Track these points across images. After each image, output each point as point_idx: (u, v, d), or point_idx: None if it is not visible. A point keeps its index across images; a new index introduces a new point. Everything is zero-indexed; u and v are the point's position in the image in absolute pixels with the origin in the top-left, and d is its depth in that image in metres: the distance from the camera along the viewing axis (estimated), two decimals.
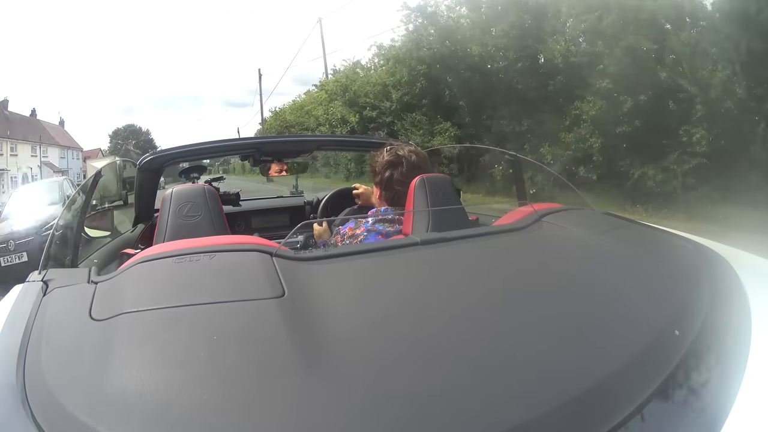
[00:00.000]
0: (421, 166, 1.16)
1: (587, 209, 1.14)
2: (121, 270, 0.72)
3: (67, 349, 0.53)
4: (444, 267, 0.77)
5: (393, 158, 1.16)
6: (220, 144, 1.74)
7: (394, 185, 1.15)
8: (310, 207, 2.18)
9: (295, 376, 0.47)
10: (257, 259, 0.69)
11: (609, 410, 0.44)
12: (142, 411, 0.43)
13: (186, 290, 0.63)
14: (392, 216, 1.13)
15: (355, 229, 1.13)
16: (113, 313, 0.56)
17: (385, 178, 1.16)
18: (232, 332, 0.54)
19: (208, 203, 1.06)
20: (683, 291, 0.66)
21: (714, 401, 0.47)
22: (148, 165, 1.57)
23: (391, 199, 1.17)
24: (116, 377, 0.46)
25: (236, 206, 2.03)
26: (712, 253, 0.79)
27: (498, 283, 0.71)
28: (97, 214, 1.59)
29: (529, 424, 0.42)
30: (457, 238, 0.84)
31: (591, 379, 0.47)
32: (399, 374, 0.48)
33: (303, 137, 2.11)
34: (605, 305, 0.63)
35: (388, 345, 0.53)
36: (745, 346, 0.54)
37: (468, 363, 0.50)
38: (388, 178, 1.16)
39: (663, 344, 0.54)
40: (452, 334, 0.56)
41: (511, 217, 1.00)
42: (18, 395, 0.45)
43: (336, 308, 0.61)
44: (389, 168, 1.16)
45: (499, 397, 0.45)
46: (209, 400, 0.44)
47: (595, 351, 0.53)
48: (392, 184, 1.15)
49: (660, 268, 0.76)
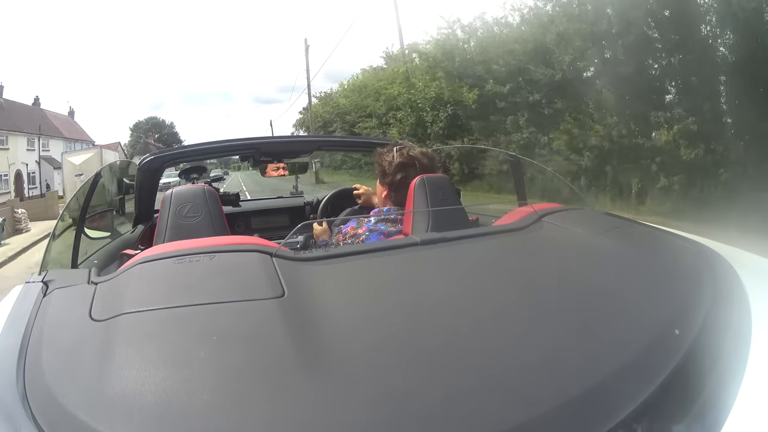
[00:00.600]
0: (432, 168, 1.15)
1: (587, 209, 1.14)
2: (121, 271, 0.72)
3: (67, 349, 0.54)
4: (444, 267, 0.77)
5: (406, 160, 1.14)
6: (221, 144, 1.74)
7: (406, 187, 1.11)
8: (310, 207, 2.18)
9: (295, 376, 0.47)
10: (257, 259, 0.69)
11: (609, 409, 0.44)
12: (142, 411, 0.43)
13: (186, 291, 0.63)
14: (394, 216, 1.12)
15: (357, 229, 1.12)
16: (113, 314, 0.56)
17: (397, 180, 1.14)
18: (232, 332, 0.54)
19: (208, 204, 1.06)
20: (683, 291, 0.66)
21: (714, 401, 0.47)
22: (148, 165, 1.57)
23: (400, 200, 1.14)
24: (116, 377, 0.46)
25: (236, 207, 2.03)
26: (713, 253, 0.79)
27: (498, 283, 0.71)
28: (97, 214, 1.59)
29: (530, 424, 0.42)
30: (457, 238, 0.84)
31: (591, 379, 0.47)
32: (399, 374, 0.48)
33: (303, 137, 2.11)
34: (605, 305, 0.63)
35: (388, 345, 0.53)
36: (745, 346, 0.54)
37: (468, 363, 0.50)
38: (401, 180, 1.13)
39: (663, 344, 0.54)
40: (452, 334, 0.56)
41: (511, 218, 1.00)
42: (18, 395, 0.45)
43: (336, 308, 0.61)
44: (402, 170, 1.13)
45: (499, 396, 0.45)
46: (209, 400, 0.44)
47: (595, 351, 0.53)
48: (404, 186, 1.11)
49: (660, 267, 0.76)
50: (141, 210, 1.69)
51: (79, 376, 0.48)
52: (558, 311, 0.61)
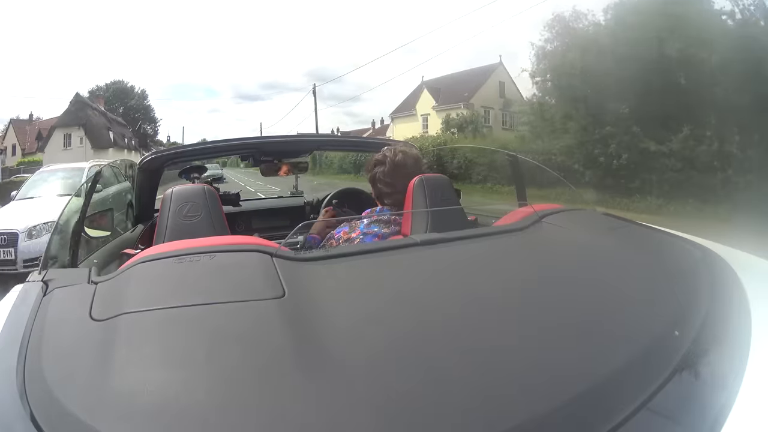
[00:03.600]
0: (406, 164, 1.17)
1: (587, 210, 1.14)
2: (121, 270, 0.72)
3: (67, 349, 0.53)
4: (444, 267, 0.77)
5: (379, 157, 1.21)
6: (221, 144, 1.75)
7: (376, 183, 1.20)
8: (310, 207, 2.19)
9: (295, 376, 0.47)
10: (257, 259, 0.69)
11: (609, 410, 0.44)
12: (142, 411, 0.43)
13: (186, 290, 0.63)
14: (387, 217, 1.13)
15: (350, 233, 1.13)
16: (113, 314, 0.56)
17: (371, 176, 1.22)
18: (232, 332, 0.54)
19: (208, 203, 1.06)
20: (683, 291, 0.66)
21: (714, 401, 0.47)
22: (148, 165, 1.57)
23: (378, 197, 1.22)
24: (116, 377, 0.46)
25: (236, 206, 2.03)
26: (712, 254, 0.79)
27: (497, 284, 0.71)
28: (97, 214, 1.59)
29: (530, 424, 0.42)
30: (457, 239, 0.84)
31: (591, 379, 0.47)
32: (399, 374, 0.48)
33: (303, 137, 2.11)
34: (605, 306, 0.63)
35: (388, 346, 0.53)
36: (745, 346, 0.54)
37: (468, 363, 0.50)
38: (373, 176, 1.21)
39: (663, 345, 0.54)
40: (452, 335, 0.56)
41: (511, 218, 1.00)
42: (18, 395, 0.45)
43: (336, 308, 0.61)
44: (376, 166, 1.21)
45: (499, 396, 0.45)
46: (209, 400, 0.44)
47: (595, 351, 0.53)
48: (376, 182, 1.20)
49: (660, 268, 0.76)
50: (141, 210, 1.69)
51: (79, 375, 0.48)
52: (558, 312, 0.61)
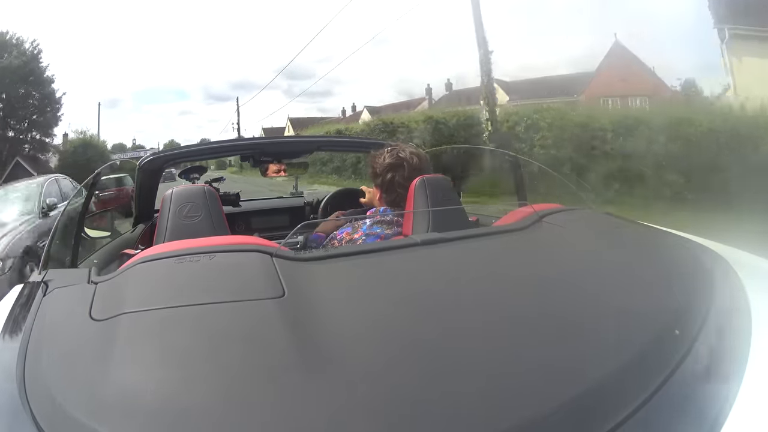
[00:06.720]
0: (422, 168, 1.16)
1: (587, 209, 1.14)
2: (121, 270, 0.72)
3: (67, 349, 0.53)
4: (444, 267, 0.77)
5: (395, 160, 1.16)
6: (221, 144, 1.75)
7: (395, 188, 1.15)
8: (310, 207, 2.19)
9: (295, 376, 0.47)
10: (257, 259, 0.69)
11: (609, 410, 0.44)
12: (142, 411, 0.43)
13: (186, 290, 0.63)
14: (390, 217, 1.12)
15: (352, 234, 1.12)
16: (113, 314, 0.56)
17: (387, 181, 1.16)
18: (232, 332, 0.54)
19: (208, 204, 1.05)
20: (683, 291, 0.66)
21: (714, 401, 0.47)
22: (148, 165, 1.57)
23: (392, 202, 1.17)
24: (116, 377, 0.46)
25: (236, 207, 2.03)
26: (712, 254, 0.79)
27: (498, 284, 0.71)
28: (96, 214, 1.59)
29: (529, 424, 0.42)
30: (457, 239, 0.84)
31: (591, 379, 0.47)
32: (399, 374, 0.48)
33: (303, 137, 2.12)
34: (605, 305, 0.63)
35: (388, 345, 0.53)
36: (745, 346, 0.54)
37: (468, 363, 0.50)
38: (390, 181, 1.15)
39: (663, 344, 0.54)
40: (452, 335, 0.56)
41: (511, 218, 1.00)
42: (18, 395, 0.45)
43: (336, 308, 0.61)
44: (391, 170, 1.16)
45: (499, 396, 0.45)
46: (209, 401, 0.44)
47: (594, 351, 0.53)
48: (394, 187, 1.15)
49: (660, 268, 0.76)
50: (141, 210, 1.69)
51: (79, 376, 0.48)
52: (558, 312, 0.61)
